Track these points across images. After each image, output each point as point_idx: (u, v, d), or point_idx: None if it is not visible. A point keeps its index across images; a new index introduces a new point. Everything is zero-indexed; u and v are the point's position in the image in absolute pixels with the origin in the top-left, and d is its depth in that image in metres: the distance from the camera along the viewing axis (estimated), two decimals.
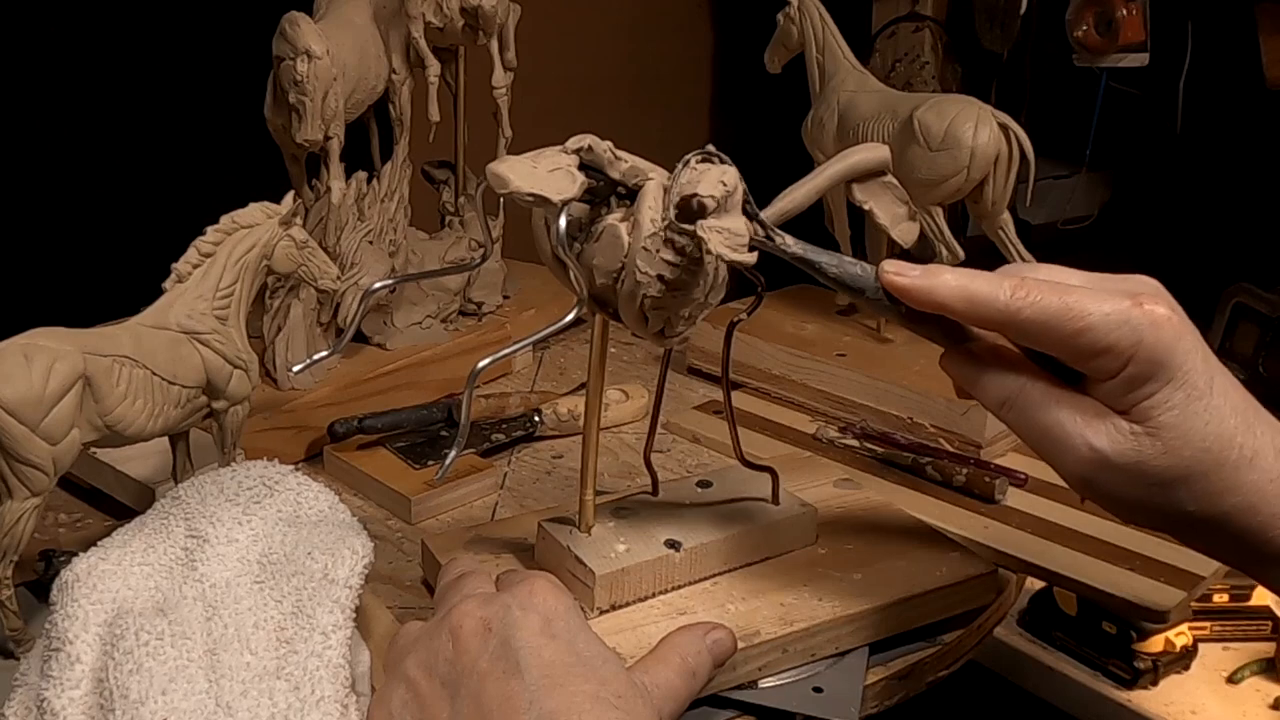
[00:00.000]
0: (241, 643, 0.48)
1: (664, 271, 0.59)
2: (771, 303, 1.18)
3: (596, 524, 0.70)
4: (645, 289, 0.59)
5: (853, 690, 0.66)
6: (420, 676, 0.51)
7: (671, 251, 0.59)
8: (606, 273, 0.61)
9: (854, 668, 0.67)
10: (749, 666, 0.65)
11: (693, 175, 0.59)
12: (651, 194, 0.60)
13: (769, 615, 0.67)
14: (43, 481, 0.65)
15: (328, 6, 1.02)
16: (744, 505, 0.74)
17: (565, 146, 0.61)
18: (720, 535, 0.71)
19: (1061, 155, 1.67)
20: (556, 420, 0.98)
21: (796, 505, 0.74)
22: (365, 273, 1.02)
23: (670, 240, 0.59)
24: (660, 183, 0.60)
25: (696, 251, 0.58)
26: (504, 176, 0.58)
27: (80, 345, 0.66)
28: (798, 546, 0.74)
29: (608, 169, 0.61)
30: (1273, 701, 1.08)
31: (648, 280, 0.59)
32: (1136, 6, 1.42)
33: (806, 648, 0.66)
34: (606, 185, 0.61)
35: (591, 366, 0.68)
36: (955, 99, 1.02)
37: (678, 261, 0.59)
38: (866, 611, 0.68)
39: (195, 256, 0.75)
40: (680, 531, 0.70)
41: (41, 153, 1.13)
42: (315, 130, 0.94)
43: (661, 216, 0.58)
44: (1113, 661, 1.11)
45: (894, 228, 0.70)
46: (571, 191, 0.59)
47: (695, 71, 1.78)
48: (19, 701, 0.49)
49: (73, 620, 0.49)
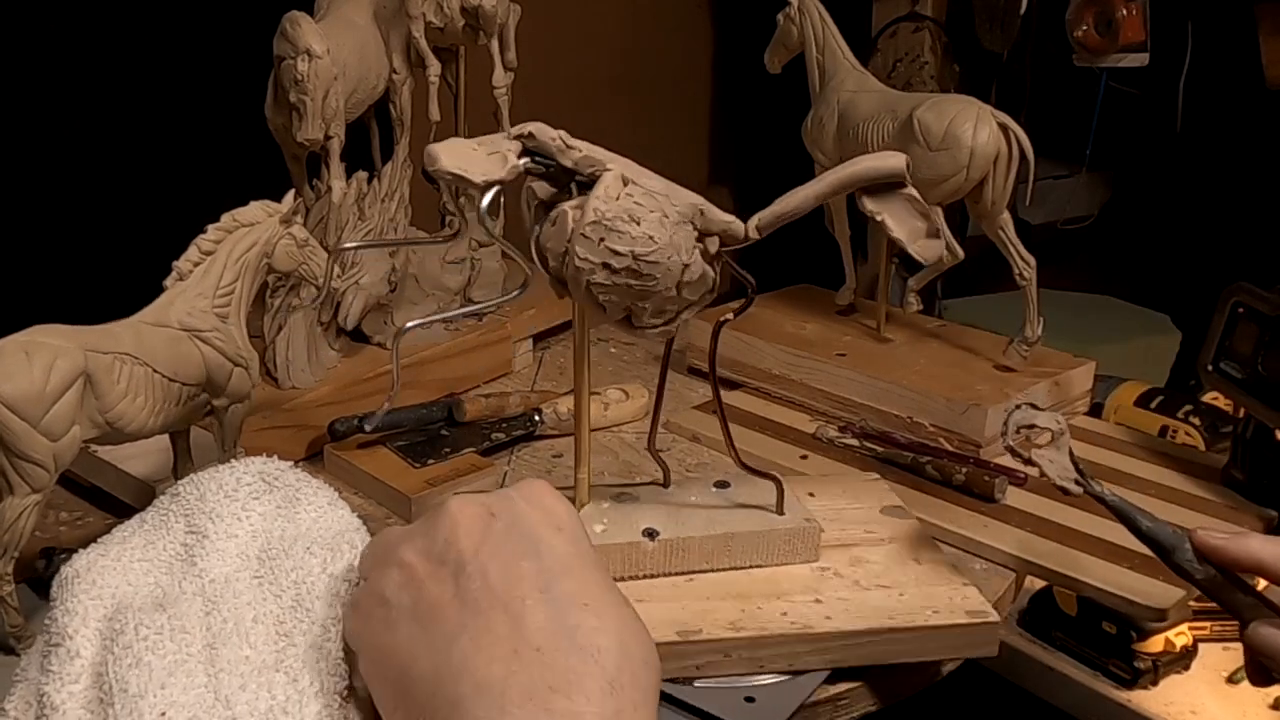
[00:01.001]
0: (240, 637, 0.48)
1: (610, 260, 0.61)
2: (771, 302, 1.18)
3: (591, 504, 0.71)
4: (588, 275, 0.61)
5: (785, 708, 0.64)
6: (417, 560, 0.47)
7: (621, 243, 0.60)
8: (556, 255, 0.62)
9: (800, 688, 0.66)
10: (684, 661, 0.65)
11: (1029, 412, 0.68)
12: (605, 184, 0.61)
13: (720, 618, 0.67)
14: (43, 478, 0.65)
15: (328, 6, 1.02)
16: (746, 510, 0.74)
17: (510, 132, 0.63)
18: (704, 534, 0.71)
19: (1061, 155, 1.67)
20: (557, 419, 0.99)
21: (800, 519, 0.73)
22: (365, 272, 1.02)
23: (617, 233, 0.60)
24: (618, 175, 0.62)
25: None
26: (434, 155, 0.61)
27: (81, 342, 0.67)
28: (796, 560, 0.73)
29: (558, 156, 0.63)
30: (1273, 701, 1.08)
31: (589, 267, 0.61)
32: (1136, 6, 1.42)
33: (754, 658, 0.66)
34: (561, 172, 0.63)
35: (576, 344, 0.70)
36: (955, 99, 1.02)
37: (625, 251, 0.61)
38: (826, 635, 0.66)
39: (196, 254, 0.75)
40: (665, 523, 0.71)
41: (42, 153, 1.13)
42: (316, 129, 0.94)
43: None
44: (1113, 661, 1.11)
45: (913, 243, 0.67)
46: (498, 174, 0.61)
47: (695, 71, 1.78)
48: (19, 696, 0.49)
49: (72, 615, 0.49)
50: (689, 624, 0.66)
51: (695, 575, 0.71)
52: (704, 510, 0.73)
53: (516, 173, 0.62)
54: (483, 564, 0.46)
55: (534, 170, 0.63)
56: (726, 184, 1.80)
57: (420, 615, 0.46)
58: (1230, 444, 0.95)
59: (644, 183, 0.63)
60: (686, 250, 0.63)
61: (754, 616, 0.67)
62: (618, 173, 0.62)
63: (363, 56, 1.01)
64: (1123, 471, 0.96)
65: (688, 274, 0.63)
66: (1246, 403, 0.91)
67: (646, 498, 0.74)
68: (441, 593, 0.46)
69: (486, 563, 0.46)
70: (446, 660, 0.44)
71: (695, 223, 0.64)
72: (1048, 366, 1.03)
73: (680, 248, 0.62)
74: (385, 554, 0.49)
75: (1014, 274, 1.02)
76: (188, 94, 1.17)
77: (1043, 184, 1.61)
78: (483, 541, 0.47)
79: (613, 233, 0.61)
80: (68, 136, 1.14)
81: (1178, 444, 1.17)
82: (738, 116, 1.82)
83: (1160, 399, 1.28)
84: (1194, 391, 1.32)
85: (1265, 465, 0.90)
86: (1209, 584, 0.63)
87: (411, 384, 1.03)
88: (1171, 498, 0.91)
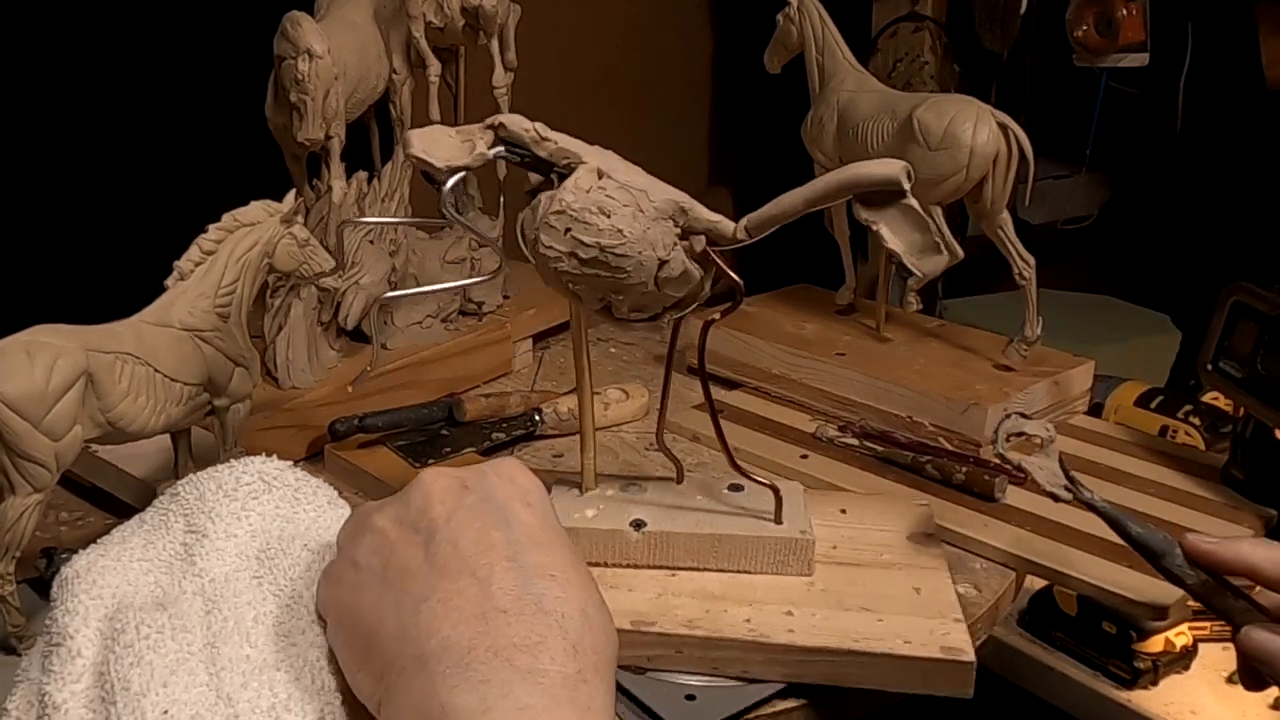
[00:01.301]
0: (241, 636, 0.48)
1: (577, 250, 0.62)
2: (771, 302, 1.18)
3: (599, 489, 0.72)
4: (554, 262, 0.64)
5: (720, 711, 0.64)
6: (389, 525, 0.49)
7: (588, 234, 0.62)
8: (529, 241, 0.65)
9: (744, 695, 0.65)
10: (635, 651, 0.66)
11: (1018, 420, 0.70)
12: (577, 176, 0.63)
13: (681, 615, 0.67)
14: (45, 478, 0.65)
15: (329, 6, 1.02)
16: (744, 516, 0.73)
17: (485, 122, 0.65)
18: (690, 531, 0.71)
19: (1061, 155, 1.67)
20: (557, 419, 0.99)
21: (795, 531, 0.72)
22: (365, 272, 1.02)
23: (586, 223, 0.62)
24: (592, 168, 0.63)
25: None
26: (408, 139, 0.64)
27: (83, 342, 0.67)
28: (789, 572, 0.72)
29: (532, 147, 0.65)
30: (1273, 702, 1.08)
31: (555, 254, 0.63)
32: (1136, 6, 1.42)
33: (706, 658, 0.66)
34: (539, 162, 0.65)
35: (573, 332, 0.71)
36: (955, 99, 1.02)
37: (591, 243, 0.62)
38: (780, 647, 0.66)
39: (197, 254, 0.76)
40: (657, 517, 0.72)
41: (43, 153, 1.13)
42: (316, 129, 0.94)
43: (572, 196, 0.63)
44: (1113, 661, 1.11)
45: (910, 255, 0.66)
46: (462, 160, 0.64)
47: (695, 71, 1.78)
48: (21, 696, 0.49)
49: (73, 615, 0.49)
50: (646, 615, 0.67)
51: (681, 571, 0.71)
52: (702, 510, 0.73)
53: (483, 160, 0.64)
54: (454, 532, 0.47)
55: (509, 159, 0.65)
56: (726, 184, 1.80)
57: (389, 578, 0.47)
58: (1230, 443, 0.95)
59: (621, 176, 0.64)
60: (663, 246, 0.63)
61: (715, 618, 0.67)
62: (592, 165, 0.64)
63: (363, 56, 1.01)
64: (1122, 471, 0.96)
65: (666, 270, 0.63)
66: (1246, 402, 0.91)
67: (652, 491, 0.75)
68: (412, 557, 0.47)
69: (458, 531, 0.47)
70: (414, 620, 0.45)
71: (677, 220, 0.64)
72: (1047, 366, 1.03)
73: (656, 243, 0.63)
74: (359, 523, 0.50)
75: (1014, 274, 1.02)
76: (188, 94, 1.18)
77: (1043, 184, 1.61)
78: (454, 510, 0.48)
79: (579, 223, 0.62)
80: (68, 137, 1.14)
81: (1178, 444, 1.17)
82: (738, 116, 1.82)
83: (1160, 399, 1.28)
84: (1194, 391, 1.32)
85: (1265, 464, 0.90)
86: (1201, 589, 0.63)
87: (411, 384, 1.03)
88: (1171, 497, 0.91)
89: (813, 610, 0.69)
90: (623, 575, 0.71)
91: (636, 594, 0.69)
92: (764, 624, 0.67)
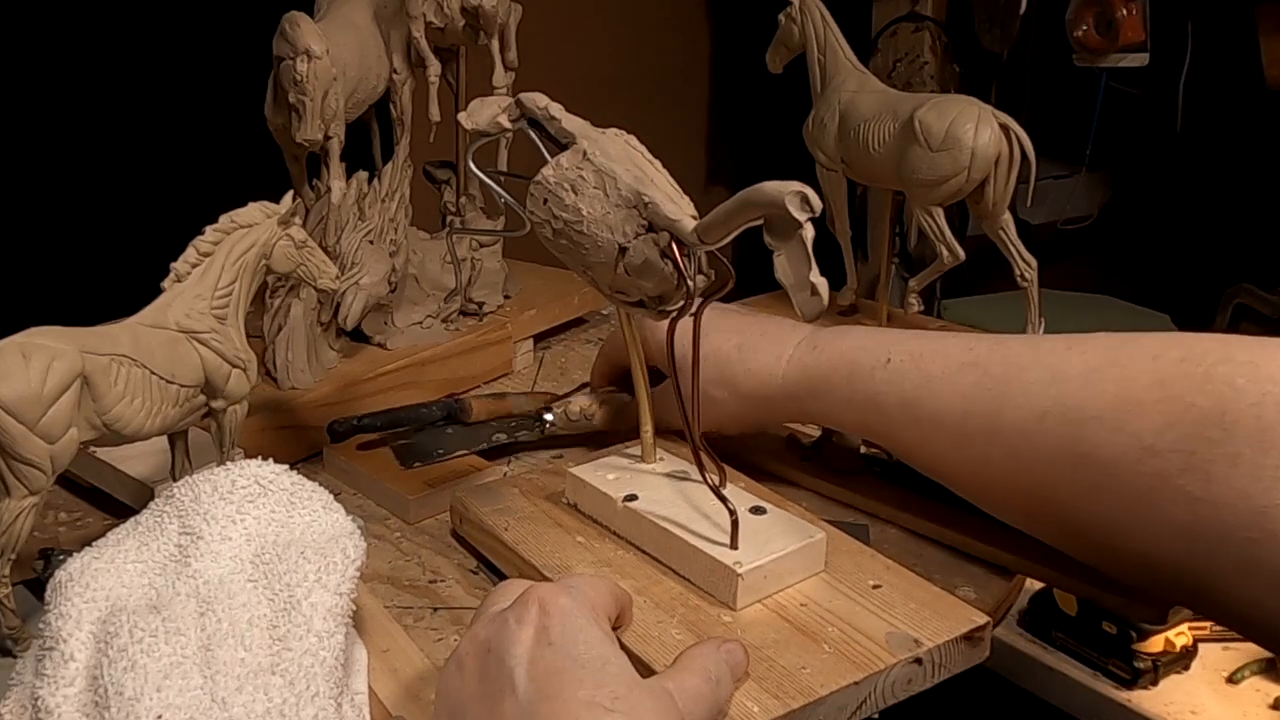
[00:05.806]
0: (236, 639, 0.48)
1: (551, 220, 0.69)
2: (771, 303, 1.18)
3: (656, 466, 0.77)
4: (539, 226, 0.70)
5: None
6: (442, 710, 0.52)
7: (558, 208, 0.68)
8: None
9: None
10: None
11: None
12: (565, 154, 0.69)
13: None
14: (41, 480, 0.65)
15: (328, 6, 1.02)
16: (714, 526, 0.69)
17: (509, 98, 0.75)
18: (664, 528, 0.70)
19: (1061, 155, 1.67)
20: (566, 420, 0.95)
21: (731, 560, 0.66)
22: (366, 273, 1.02)
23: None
24: (579, 149, 0.69)
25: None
26: (471, 107, 0.74)
27: (78, 344, 0.66)
28: (718, 597, 0.66)
29: (544, 124, 0.71)
30: (1273, 701, 1.08)
31: (538, 220, 0.70)
32: (1136, 6, 1.42)
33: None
34: (550, 138, 0.72)
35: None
36: (956, 99, 1.01)
37: (559, 216, 0.68)
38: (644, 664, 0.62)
39: (194, 256, 0.75)
40: (652, 500, 0.73)
41: (42, 153, 1.13)
42: (315, 130, 0.94)
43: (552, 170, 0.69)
44: (1113, 661, 1.11)
45: (796, 292, 0.62)
46: (482, 125, 0.73)
47: (695, 71, 1.78)
48: (14, 700, 0.49)
49: (66, 619, 0.48)
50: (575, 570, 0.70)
51: (655, 561, 0.71)
52: (699, 510, 0.73)
53: (499, 128, 0.73)
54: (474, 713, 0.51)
55: (529, 132, 0.73)
56: (726, 184, 1.80)
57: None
58: None
59: (600, 161, 0.67)
60: (622, 233, 0.66)
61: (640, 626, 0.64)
62: (580, 147, 0.69)
63: (363, 56, 1.01)
64: None
65: (628, 257, 0.66)
66: None
67: (685, 480, 0.76)
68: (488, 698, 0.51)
69: (476, 711, 0.51)
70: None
71: (641, 211, 0.66)
72: None
73: (615, 228, 0.66)
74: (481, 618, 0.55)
75: (1015, 275, 1.02)
76: (188, 94, 1.18)
77: (1043, 184, 1.61)
78: (476, 684, 0.52)
79: (553, 196, 0.68)
80: (67, 137, 1.14)
81: None
82: (738, 116, 1.82)
83: None
84: None
85: None
86: None
87: (411, 384, 1.03)
88: None
89: (697, 630, 0.64)
90: (607, 548, 0.73)
91: (590, 554, 0.72)
92: (695, 633, 0.63)
